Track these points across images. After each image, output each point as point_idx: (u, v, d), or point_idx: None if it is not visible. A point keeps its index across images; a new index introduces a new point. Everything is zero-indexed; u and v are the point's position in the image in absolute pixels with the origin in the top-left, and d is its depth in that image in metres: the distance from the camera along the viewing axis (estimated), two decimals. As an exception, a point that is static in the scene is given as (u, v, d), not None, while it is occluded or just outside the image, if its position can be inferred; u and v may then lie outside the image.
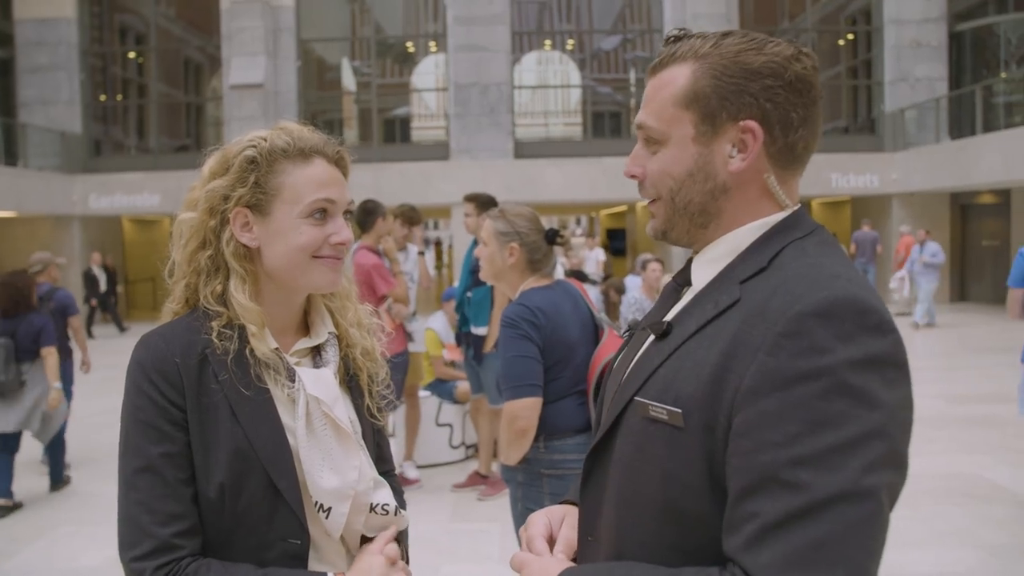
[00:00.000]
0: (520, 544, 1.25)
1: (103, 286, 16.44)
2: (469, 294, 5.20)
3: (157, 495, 1.21)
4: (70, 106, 18.61)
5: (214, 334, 1.27)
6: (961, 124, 16.95)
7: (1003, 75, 17.48)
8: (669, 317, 1.13)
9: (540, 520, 1.26)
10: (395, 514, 1.38)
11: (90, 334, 14.78)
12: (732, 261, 1.08)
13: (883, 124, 18.56)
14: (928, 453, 6.05)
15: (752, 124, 1.05)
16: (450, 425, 6.27)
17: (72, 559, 4.46)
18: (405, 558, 1.45)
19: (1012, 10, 17.81)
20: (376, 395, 1.47)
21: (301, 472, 1.28)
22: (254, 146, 1.30)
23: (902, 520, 4.72)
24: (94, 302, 16.09)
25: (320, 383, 1.33)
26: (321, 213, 1.31)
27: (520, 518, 2.71)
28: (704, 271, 1.11)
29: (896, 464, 0.91)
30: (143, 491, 1.22)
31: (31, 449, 6.82)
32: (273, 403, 1.29)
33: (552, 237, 2.80)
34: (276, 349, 1.32)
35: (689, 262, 1.17)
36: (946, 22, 18.14)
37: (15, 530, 4.93)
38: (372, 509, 1.35)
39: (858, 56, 19.91)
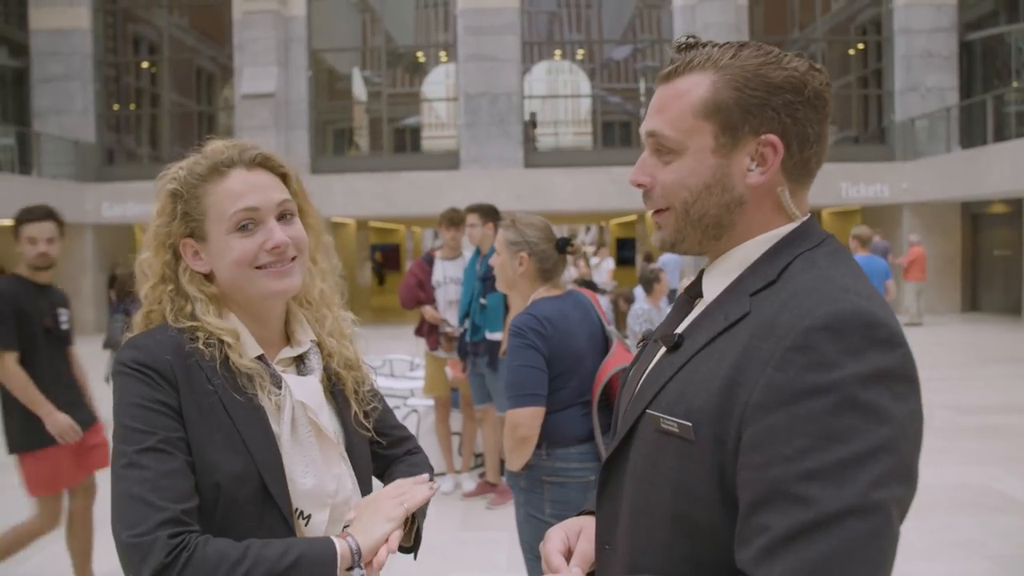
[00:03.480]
0: (523, 549, 1.27)
1: None
2: (483, 300, 5.20)
3: (164, 472, 1.17)
4: (84, 115, 18.81)
5: (200, 343, 1.28)
6: (972, 134, 16.91)
7: (1014, 84, 17.42)
8: (681, 329, 1.13)
9: (556, 535, 1.26)
10: None
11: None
12: (742, 273, 1.08)
13: (893, 134, 18.54)
14: (938, 464, 6.03)
15: (774, 138, 1.05)
16: (458, 434, 6.27)
17: (84, 565, 4.48)
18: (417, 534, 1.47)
19: (1023, 20, 17.77)
20: (364, 401, 1.47)
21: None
22: (174, 179, 1.34)
23: (911, 531, 4.70)
24: None
25: (306, 389, 1.34)
26: (249, 223, 1.31)
27: (523, 523, 2.72)
28: (715, 283, 1.11)
29: (905, 478, 0.91)
30: (149, 469, 1.16)
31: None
32: (263, 410, 1.30)
33: (563, 246, 2.78)
34: (260, 356, 1.33)
35: (701, 274, 1.18)
36: (957, 32, 18.12)
37: (28, 536, 4.96)
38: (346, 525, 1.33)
39: (868, 66, 19.88)
